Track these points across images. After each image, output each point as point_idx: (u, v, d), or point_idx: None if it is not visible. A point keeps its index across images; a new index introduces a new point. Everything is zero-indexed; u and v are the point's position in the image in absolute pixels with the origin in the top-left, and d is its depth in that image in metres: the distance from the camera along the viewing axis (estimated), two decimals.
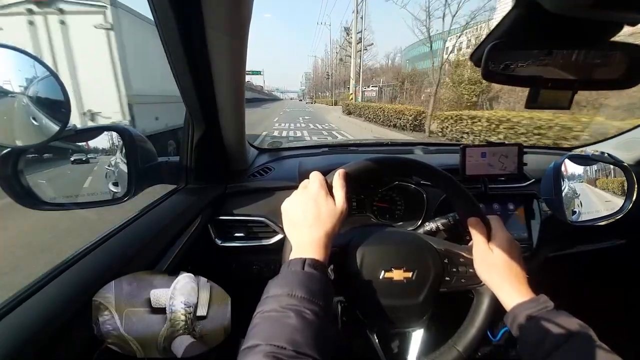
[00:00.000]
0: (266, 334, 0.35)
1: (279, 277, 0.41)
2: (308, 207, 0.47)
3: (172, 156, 0.81)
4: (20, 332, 0.35)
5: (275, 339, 0.33)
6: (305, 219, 0.46)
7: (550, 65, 0.34)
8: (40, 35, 4.16)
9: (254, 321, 0.38)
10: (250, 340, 0.35)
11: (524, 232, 0.91)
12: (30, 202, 0.54)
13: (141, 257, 0.55)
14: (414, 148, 1.24)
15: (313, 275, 0.40)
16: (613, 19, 0.30)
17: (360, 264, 0.54)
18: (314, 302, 0.37)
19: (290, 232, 0.48)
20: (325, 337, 0.36)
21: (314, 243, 0.44)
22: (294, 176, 0.91)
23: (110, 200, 0.63)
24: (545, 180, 0.84)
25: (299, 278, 0.39)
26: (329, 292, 0.40)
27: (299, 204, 0.48)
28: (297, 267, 0.41)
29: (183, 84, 0.62)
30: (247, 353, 0.34)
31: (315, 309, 0.37)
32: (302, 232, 0.45)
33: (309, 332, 0.35)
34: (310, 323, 0.35)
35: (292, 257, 0.43)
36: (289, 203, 0.50)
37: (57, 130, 0.45)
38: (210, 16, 0.47)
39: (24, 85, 0.43)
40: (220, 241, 0.85)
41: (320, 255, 0.43)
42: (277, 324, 0.35)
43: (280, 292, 0.38)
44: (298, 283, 0.39)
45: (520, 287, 0.48)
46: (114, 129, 0.62)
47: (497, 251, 0.50)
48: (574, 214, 0.81)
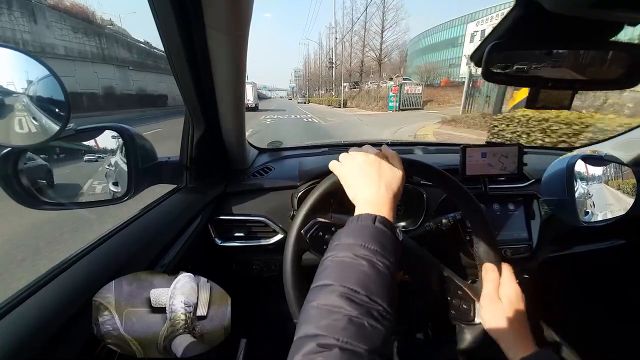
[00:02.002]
0: (339, 276, 0.36)
1: (350, 228, 0.42)
2: (374, 168, 0.47)
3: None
4: (20, 332, 0.35)
5: (348, 282, 0.34)
6: (372, 178, 0.46)
7: (551, 65, 0.34)
8: None
9: (324, 264, 0.39)
10: (322, 280, 0.36)
11: (524, 232, 0.91)
12: (30, 202, 0.54)
13: (141, 257, 0.55)
14: (414, 148, 1.24)
15: (384, 231, 0.40)
16: (613, 19, 0.30)
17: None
18: (385, 256, 0.38)
19: (355, 188, 0.47)
20: (394, 292, 0.37)
21: (383, 202, 0.44)
22: (294, 176, 0.91)
23: (110, 200, 0.62)
24: (553, 180, 0.83)
25: (371, 232, 0.40)
26: (398, 251, 0.41)
27: (365, 163, 0.48)
28: (367, 222, 0.41)
29: (183, 83, 0.62)
30: (320, 290, 0.35)
31: (387, 262, 0.37)
32: (371, 190, 0.45)
33: (381, 282, 0.35)
34: (382, 274, 0.36)
35: (359, 213, 0.44)
36: (351, 160, 0.49)
37: (57, 130, 0.45)
38: (210, 16, 0.47)
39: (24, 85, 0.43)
40: (220, 241, 0.85)
41: (389, 215, 0.43)
42: (350, 269, 0.36)
43: (353, 242, 0.39)
44: (370, 236, 0.39)
45: (525, 340, 0.49)
46: (114, 128, 0.62)
47: (506, 301, 0.52)
48: (587, 214, 0.81)
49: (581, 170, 0.82)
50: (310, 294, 0.37)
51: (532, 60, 0.34)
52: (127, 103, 20.46)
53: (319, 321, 0.32)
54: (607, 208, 0.81)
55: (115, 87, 20.44)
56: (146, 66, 23.88)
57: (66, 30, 16.65)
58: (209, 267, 0.85)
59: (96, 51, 18.87)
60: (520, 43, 0.34)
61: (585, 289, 1.18)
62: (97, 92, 18.51)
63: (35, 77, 0.44)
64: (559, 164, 0.83)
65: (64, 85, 0.45)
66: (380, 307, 0.33)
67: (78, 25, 17.73)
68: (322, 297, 0.34)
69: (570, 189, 0.79)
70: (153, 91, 24.70)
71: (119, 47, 21.22)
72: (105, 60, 19.71)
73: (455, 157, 0.88)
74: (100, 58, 19.24)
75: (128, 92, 21.90)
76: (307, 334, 0.32)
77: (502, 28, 0.33)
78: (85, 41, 17.96)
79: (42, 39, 15.16)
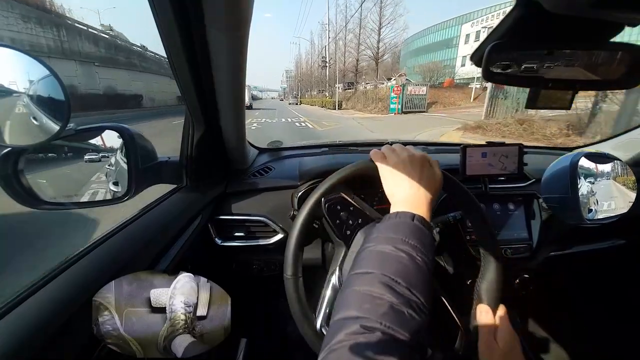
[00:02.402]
0: (380, 265, 0.36)
1: (389, 223, 0.42)
2: (417, 168, 0.47)
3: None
4: (20, 332, 0.35)
5: (389, 272, 0.35)
6: (413, 178, 0.46)
7: (551, 66, 0.34)
8: None
9: (363, 254, 0.39)
10: (362, 268, 0.37)
11: (524, 232, 0.91)
12: (31, 202, 0.54)
13: (141, 257, 0.55)
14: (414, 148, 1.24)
15: (423, 230, 0.41)
16: (613, 19, 0.30)
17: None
18: (425, 253, 0.38)
19: (394, 184, 0.48)
20: (431, 289, 0.37)
21: (421, 202, 0.44)
22: (294, 176, 0.91)
23: (110, 199, 0.63)
24: (556, 178, 0.83)
25: (411, 229, 0.40)
26: (434, 251, 0.41)
27: (409, 161, 0.48)
28: (406, 219, 0.41)
29: (183, 83, 0.62)
30: (360, 277, 0.36)
31: (425, 259, 0.38)
32: (411, 189, 0.46)
33: (420, 277, 0.36)
34: (422, 270, 0.37)
35: (397, 210, 0.44)
36: (396, 156, 0.50)
37: (58, 129, 0.45)
38: (210, 16, 0.47)
39: (24, 85, 0.43)
40: (220, 241, 0.85)
41: (427, 216, 0.43)
42: (391, 260, 0.37)
43: (393, 236, 0.39)
44: (410, 232, 0.40)
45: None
46: (114, 128, 0.62)
47: (503, 344, 0.51)
48: (590, 212, 0.81)
49: (585, 167, 0.82)
50: (349, 280, 0.37)
51: (532, 61, 0.34)
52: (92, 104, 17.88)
53: (360, 305, 0.33)
54: (611, 205, 0.81)
55: (78, 86, 18.02)
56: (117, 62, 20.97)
57: (13, 19, 14.78)
58: (209, 267, 0.85)
59: (54, 44, 16.71)
60: (521, 43, 0.34)
61: (585, 289, 1.18)
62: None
63: (36, 76, 0.44)
64: (561, 162, 0.83)
65: (64, 85, 0.45)
66: (418, 300, 0.34)
67: (30, 13, 15.63)
68: (363, 283, 0.35)
69: (574, 187, 0.79)
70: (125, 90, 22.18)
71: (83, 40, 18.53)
72: (65, 55, 17.54)
73: (455, 156, 0.88)
74: (58, 52, 17.14)
75: (94, 92, 19.71)
76: (349, 315, 0.33)
77: (502, 28, 0.33)
78: (39, 32, 15.85)
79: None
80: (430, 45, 35.78)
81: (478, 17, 28.49)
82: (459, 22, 31.48)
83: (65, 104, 0.45)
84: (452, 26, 32.90)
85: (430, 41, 36.09)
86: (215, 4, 0.44)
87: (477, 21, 28.31)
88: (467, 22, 29.93)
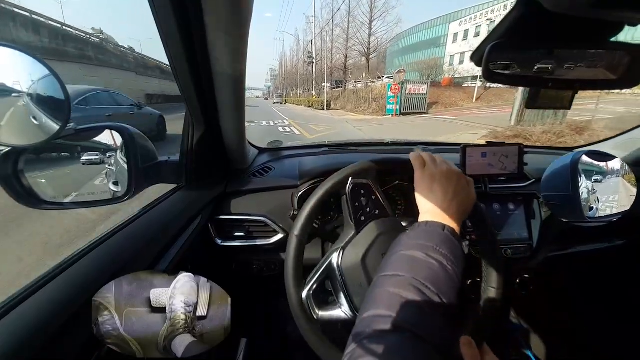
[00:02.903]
0: (410, 270, 0.37)
1: (419, 230, 0.42)
2: (453, 183, 0.47)
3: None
4: (20, 332, 0.35)
5: (419, 277, 0.35)
6: (448, 191, 0.46)
7: (551, 65, 0.34)
8: None
9: (393, 258, 0.40)
10: (391, 271, 0.37)
11: (524, 231, 0.91)
12: (31, 202, 0.54)
13: (141, 257, 0.55)
14: (414, 148, 1.24)
15: (454, 241, 0.41)
16: (613, 18, 0.29)
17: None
18: (455, 263, 0.39)
19: (427, 194, 0.48)
20: (458, 299, 0.37)
21: (451, 216, 0.45)
22: (294, 176, 0.91)
23: (110, 199, 0.63)
24: (556, 177, 0.83)
25: (442, 238, 0.40)
26: (464, 263, 0.41)
27: (448, 175, 0.48)
28: (437, 229, 0.42)
29: (183, 83, 0.62)
30: (389, 279, 0.36)
31: (456, 269, 0.38)
32: (444, 202, 0.46)
33: (451, 285, 0.36)
34: (452, 278, 0.37)
35: (426, 219, 0.44)
36: (435, 167, 0.50)
37: (58, 129, 0.45)
38: (210, 16, 0.47)
39: (24, 85, 0.43)
40: (220, 241, 0.85)
41: (457, 229, 0.44)
42: (421, 266, 0.37)
43: (424, 243, 0.40)
44: (442, 241, 0.40)
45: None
46: (114, 127, 0.62)
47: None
48: (591, 210, 0.81)
49: (586, 165, 0.82)
50: (379, 281, 0.38)
51: (532, 60, 0.34)
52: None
53: (390, 305, 0.33)
54: (612, 204, 0.82)
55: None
56: (66, 55, 16.14)
57: None
58: (209, 267, 0.85)
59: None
60: (521, 43, 0.34)
61: (585, 289, 1.18)
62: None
63: (36, 76, 0.44)
64: (562, 161, 0.83)
65: (64, 84, 0.45)
66: (447, 307, 0.34)
67: None
68: (394, 285, 0.36)
69: (575, 185, 0.79)
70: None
71: (18, 27, 13.41)
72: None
73: (455, 156, 0.88)
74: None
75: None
76: (379, 314, 0.33)
77: (502, 28, 0.33)
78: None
79: None
80: (417, 44, 35.27)
81: (466, 15, 28.14)
82: (447, 21, 31.19)
83: (65, 103, 0.45)
84: (440, 25, 32.57)
85: (417, 40, 35.57)
86: (215, 4, 0.44)
87: (464, 20, 27.99)
88: (455, 21, 29.66)
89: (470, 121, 10.67)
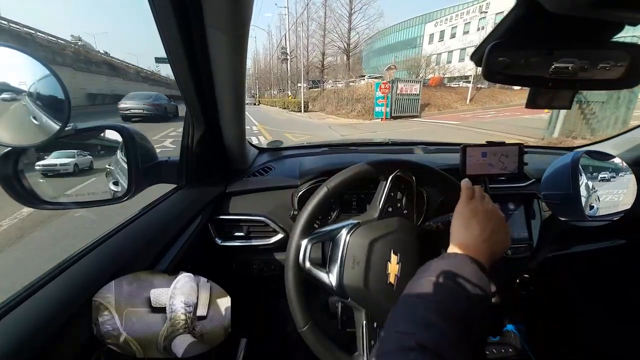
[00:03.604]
0: (437, 295, 0.38)
1: (448, 261, 0.43)
2: (492, 225, 0.48)
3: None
4: (20, 332, 0.35)
5: (447, 303, 0.37)
6: (485, 231, 0.47)
7: (551, 65, 0.34)
8: None
9: (420, 281, 0.41)
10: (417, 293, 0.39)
11: (524, 231, 0.91)
12: (31, 202, 0.54)
13: (141, 257, 0.55)
14: (414, 147, 1.24)
15: (483, 277, 0.42)
16: (613, 18, 0.29)
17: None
18: (481, 297, 0.40)
19: (466, 227, 0.48)
20: (481, 332, 0.40)
21: (481, 255, 0.45)
22: (294, 175, 0.91)
23: (110, 199, 0.63)
24: (557, 176, 0.83)
25: (472, 271, 0.41)
26: (489, 301, 0.42)
27: (489, 215, 0.49)
28: (466, 261, 0.42)
29: (183, 83, 0.62)
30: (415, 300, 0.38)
31: (483, 303, 0.39)
32: (478, 239, 0.46)
33: (475, 314, 0.37)
34: (476, 308, 0.38)
35: (456, 252, 0.45)
36: (481, 204, 0.50)
37: (58, 129, 0.45)
38: (210, 16, 0.47)
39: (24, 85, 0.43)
40: (220, 241, 0.85)
41: (486, 268, 0.44)
42: (450, 293, 0.38)
43: (454, 271, 0.41)
44: (471, 274, 0.41)
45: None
46: (113, 127, 0.62)
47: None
48: (591, 208, 0.81)
49: (586, 165, 0.82)
50: (404, 301, 0.39)
51: (532, 60, 0.34)
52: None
53: (418, 325, 0.35)
54: (612, 203, 0.82)
55: None
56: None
57: None
58: (209, 267, 0.85)
59: None
60: (521, 42, 0.34)
61: (585, 289, 1.18)
62: None
63: (36, 76, 0.44)
64: (562, 160, 0.83)
65: (64, 84, 0.45)
66: (472, 336, 0.35)
67: None
68: (419, 308, 0.37)
69: (575, 183, 0.79)
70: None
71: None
72: None
73: (455, 156, 0.88)
74: None
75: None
76: (405, 330, 0.35)
77: (502, 28, 0.33)
78: None
79: None
80: (394, 45, 34.27)
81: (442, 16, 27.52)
82: (423, 22, 30.62)
83: (65, 103, 0.45)
84: (415, 25, 31.99)
85: (393, 41, 34.72)
86: (215, 4, 0.44)
87: (440, 20, 27.44)
88: (431, 22, 29.16)
89: (474, 126, 9.36)
